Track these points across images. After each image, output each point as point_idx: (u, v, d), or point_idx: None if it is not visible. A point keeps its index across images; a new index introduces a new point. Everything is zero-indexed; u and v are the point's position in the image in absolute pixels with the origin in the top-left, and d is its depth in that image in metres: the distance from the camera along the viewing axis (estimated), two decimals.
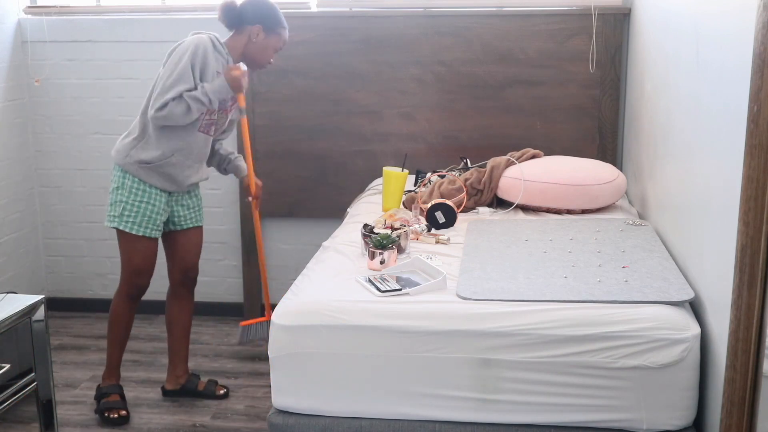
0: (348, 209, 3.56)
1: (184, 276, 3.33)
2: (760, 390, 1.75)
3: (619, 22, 3.69)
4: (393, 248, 2.62)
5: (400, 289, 2.37)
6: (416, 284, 2.41)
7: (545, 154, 3.55)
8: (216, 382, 3.39)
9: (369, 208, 3.41)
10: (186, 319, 3.37)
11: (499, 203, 3.38)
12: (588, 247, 2.75)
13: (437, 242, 2.90)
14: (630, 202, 3.52)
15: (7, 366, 2.38)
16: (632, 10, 3.64)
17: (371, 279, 2.47)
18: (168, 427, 3.12)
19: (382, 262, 2.58)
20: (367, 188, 3.79)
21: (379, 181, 3.72)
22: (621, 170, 3.77)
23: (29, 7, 4.11)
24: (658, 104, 3.04)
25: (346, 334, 2.26)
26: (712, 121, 2.25)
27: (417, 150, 3.87)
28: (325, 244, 2.94)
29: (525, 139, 3.80)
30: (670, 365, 2.13)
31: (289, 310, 2.34)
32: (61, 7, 4.09)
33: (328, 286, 2.46)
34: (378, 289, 2.38)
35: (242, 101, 3.13)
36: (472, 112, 3.86)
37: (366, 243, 2.69)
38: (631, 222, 3.04)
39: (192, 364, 3.67)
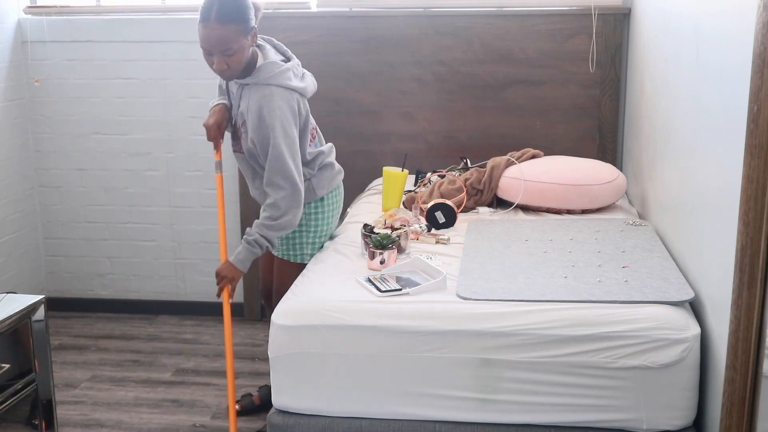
0: (348, 209, 3.54)
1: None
2: (760, 390, 1.75)
3: (619, 22, 3.69)
4: (393, 248, 2.62)
5: (400, 289, 2.37)
6: (416, 284, 2.41)
7: (545, 154, 3.55)
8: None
9: (369, 208, 3.39)
10: None
11: (499, 203, 3.38)
12: (588, 247, 2.75)
13: (437, 242, 2.89)
14: (630, 201, 3.52)
15: (7, 366, 2.38)
16: (632, 10, 3.63)
17: (371, 279, 2.46)
18: (168, 427, 3.12)
19: (382, 262, 2.58)
20: (366, 188, 3.78)
21: (379, 181, 3.72)
22: (621, 170, 3.77)
23: (29, 7, 4.11)
24: (659, 104, 3.04)
25: (346, 334, 2.26)
26: (712, 120, 2.25)
27: (417, 150, 3.87)
28: (325, 243, 2.94)
29: (525, 139, 3.80)
30: (670, 365, 2.13)
31: (290, 310, 2.34)
32: (61, 7, 4.09)
33: (328, 286, 2.46)
34: (378, 289, 2.38)
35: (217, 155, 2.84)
36: (472, 112, 3.86)
37: (366, 243, 2.68)
38: (631, 222, 3.04)
39: (192, 363, 3.68)
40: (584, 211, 3.28)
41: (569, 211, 3.27)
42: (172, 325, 4.16)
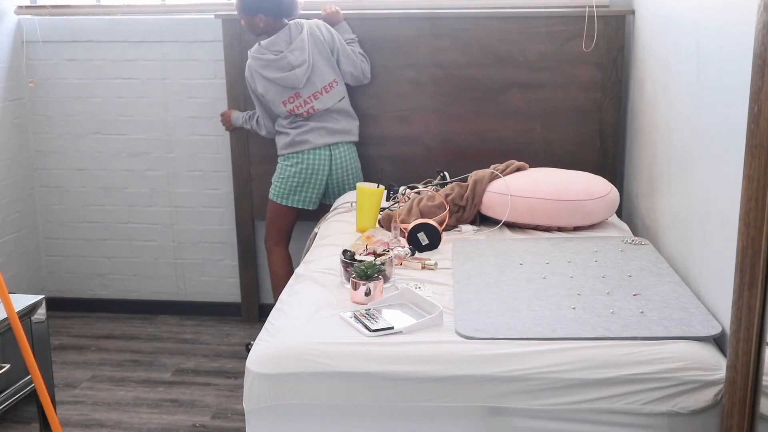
0: (315, 229, 3.29)
1: None
2: (760, 390, 1.76)
3: (621, 24, 3.66)
4: (379, 278, 2.34)
5: (392, 327, 2.11)
6: (408, 320, 2.17)
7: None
8: None
9: (341, 227, 3.10)
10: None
11: (483, 220, 3.13)
12: (590, 271, 2.52)
13: (423, 267, 2.61)
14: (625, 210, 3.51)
15: (7, 366, 2.39)
16: (635, 12, 3.61)
17: (357, 315, 2.18)
18: (168, 427, 3.12)
19: (367, 294, 2.29)
20: (332, 208, 3.52)
21: (345, 198, 3.54)
22: (623, 173, 3.76)
23: (29, 6, 4.11)
24: (658, 105, 3.04)
25: (335, 383, 1.99)
26: (712, 120, 2.26)
27: (414, 154, 3.84)
28: (298, 271, 2.65)
29: (524, 142, 3.77)
30: (703, 411, 1.91)
31: (267, 355, 2.04)
32: (60, 6, 4.09)
33: (308, 324, 2.17)
34: (367, 327, 2.10)
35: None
36: (470, 116, 3.81)
37: (347, 272, 2.41)
38: (629, 240, 2.83)
39: (192, 364, 3.68)
40: (576, 229, 3.04)
41: (560, 229, 3.03)
42: (172, 325, 4.16)
